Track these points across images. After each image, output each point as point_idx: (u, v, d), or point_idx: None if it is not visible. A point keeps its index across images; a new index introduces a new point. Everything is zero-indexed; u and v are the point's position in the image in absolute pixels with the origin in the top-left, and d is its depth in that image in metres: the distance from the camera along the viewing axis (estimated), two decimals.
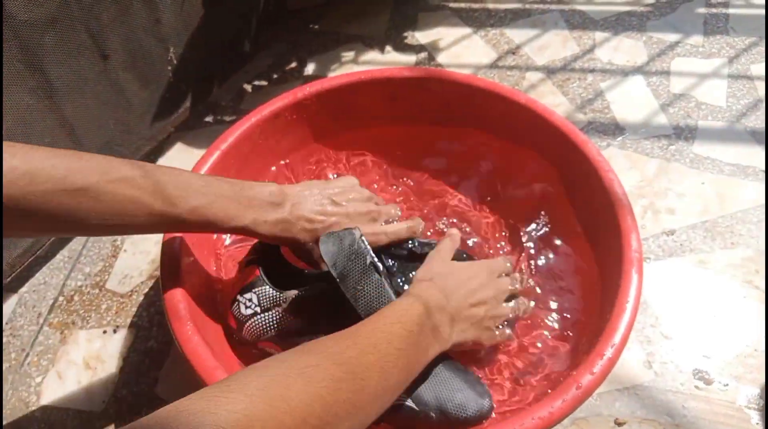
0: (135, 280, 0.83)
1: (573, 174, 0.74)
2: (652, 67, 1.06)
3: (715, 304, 0.76)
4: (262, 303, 0.61)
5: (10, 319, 0.80)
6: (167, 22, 0.87)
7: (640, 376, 0.70)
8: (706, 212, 0.85)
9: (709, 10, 1.16)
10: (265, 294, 0.61)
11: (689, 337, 0.73)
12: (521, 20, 1.18)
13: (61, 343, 0.78)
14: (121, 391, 0.73)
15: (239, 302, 0.63)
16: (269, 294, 0.61)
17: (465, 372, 0.60)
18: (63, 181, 0.45)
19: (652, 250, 0.81)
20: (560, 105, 1.01)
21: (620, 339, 0.54)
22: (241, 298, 0.63)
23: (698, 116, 0.97)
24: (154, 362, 0.75)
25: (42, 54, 0.71)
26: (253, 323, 0.62)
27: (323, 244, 0.57)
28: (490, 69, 1.09)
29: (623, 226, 0.63)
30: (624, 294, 0.57)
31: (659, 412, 0.67)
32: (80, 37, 0.75)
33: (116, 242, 0.87)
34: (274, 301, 0.61)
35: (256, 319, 0.62)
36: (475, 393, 0.57)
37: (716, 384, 0.69)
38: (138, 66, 0.85)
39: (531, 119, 0.75)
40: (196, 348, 0.56)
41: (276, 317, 0.61)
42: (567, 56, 1.10)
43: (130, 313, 0.80)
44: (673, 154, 0.92)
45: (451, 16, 1.20)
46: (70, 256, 0.87)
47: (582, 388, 0.52)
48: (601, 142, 0.95)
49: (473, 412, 0.56)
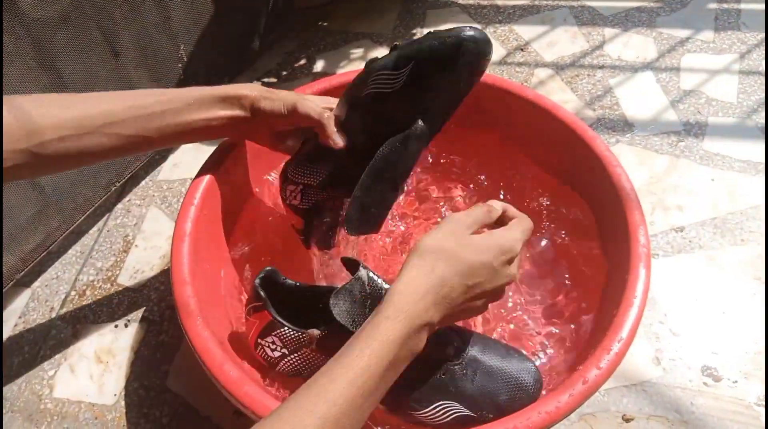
0: (146, 275, 0.84)
1: (581, 170, 0.74)
2: (662, 64, 1.05)
3: (724, 301, 0.75)
4: (287, 345, 0.59)
5: (23, 313, 0.81)
6: (177, 20, 0.88)
7: (648, 372, 0.70)
8: (716, 209, 0.84)
9: (720, 6, 1.15)
10: (286, 336, 0.59)
11: (698, 333, 0.73)
12: (530, 16, 1.18)
13: (73, 337, 0.79)
14: (132, 384, 0.74)
15: (263, 346, 0.61)
16: (291, 335, 0.59)
17: (496, 347, 0.58)
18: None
19: (661, 247, 0.81)
20: (569, 101, 1.00)
21: (627, 334, 0.54)
22: (263, 342, 0.61)
23: (708, 112, 0.97)
24: (165, 356, 0.76)
25: (54, 51, 0.72)
26: (285, 364, 0.60)
27: (334, 307, 0.52)
28: (498, 65, 1.09)
29: (631, 221, 0.63)
30: (631, 289, 0.57)
31: (667, 408, 0.67)
32: (92, 35, 0.76)
33: (128, 238, 0.88)
34: (299, 342, 0.59)
35: (288, 360, 0.60)
36: (518, 362, 0.57)
37: (725, 381, 0.69)
38: (149, 63, 0.86)
39: (539, 116, 0.75)
40: (205, 343, 0.57)
41: (307, 357, 0.59)
42: (576, 52, 1.09)
43: (142, 308, 0.81)
44: (683, 150, 0.92)
45: (460, 13, 1.20)
46: (82, 252, 0.88)
47: (589, 383, 0.52)
48: (610, 138, 0.94)
49: (530, 382, 0.55)
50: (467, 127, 0.84)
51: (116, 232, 0.90)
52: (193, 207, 0.67)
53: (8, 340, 0.79)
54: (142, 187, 0.95)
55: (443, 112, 0.60)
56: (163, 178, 0.96)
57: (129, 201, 0.93)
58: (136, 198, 0.94)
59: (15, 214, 0.75)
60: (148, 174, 0.97)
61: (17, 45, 0.68)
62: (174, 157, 0.99)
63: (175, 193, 0.94)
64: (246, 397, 0.53)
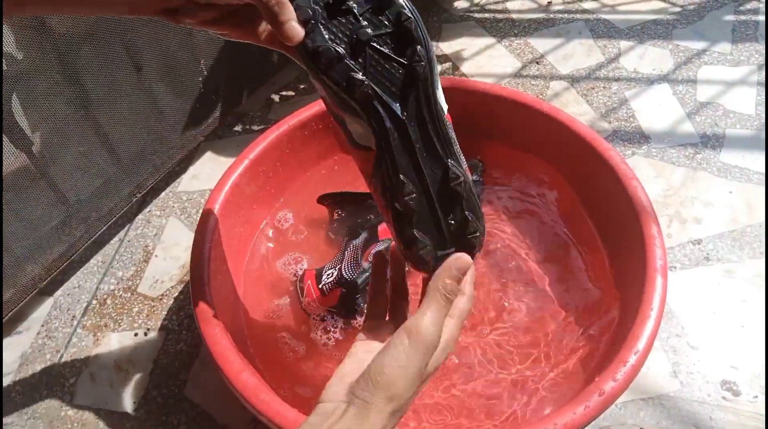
0: (166, 284, 0.85)
1: (597, 182, 0.74)
2: (679, 76, 1.05)
3: (742, 315, 0.75)
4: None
5: (46, 322, 0.83)
6: (198, 35, 0.90)
7: (665, 386, 0.70)
8: (734, 221, 0.84)
9: (737, 18, 1.15)
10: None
11: (716, 347, 0.72)
12: (545, 30, 1.18)
13: (94, 345, 0.80)
14: (151, 392, 0.75)
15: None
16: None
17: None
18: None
19: (678, 260, 0.81)
20: (584, 114, 1.01)
21: (644, 346, 0.54)
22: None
23: (726, 124, 0.96)
24: (183, 365, 0.77)
25: (79, 66, 0.74)
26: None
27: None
28: (514, 78, 1.09)
29: (647, 234, 0.63)
30: (648, 301, 0.57)
31: (685, 422, 0.67)
32: (116, 50, 0.78)
33: (148, 248, 0.90)
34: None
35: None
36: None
37: (744, 395, 0.68)
38: (170, 77, 0.88)
39: (554, 128, 0.76)
40: (224, 351, 0.58)
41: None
42: (591, 65, 1.09)
43: (161, 317, 0.82)
44: (700, 162, 0.91)
45: (475, 27, 1.21)
46: (103, 261, 0.89)
47: (605, 395, 0.51)
48: (626, 150, 0.94)
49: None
50: (483, 138, 0.85)
51: (137, 242, 0.91)
52: (213, 217, 0.69)
53: (30, 348, 0.80)
54: (162, 198, 0.97)
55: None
56: (183, 189, 0.98)
57: (149, 212, 0.95)
58: (156, 209, 0.96)
59: (39, 225, 0.77)
60: (168, 185, 0.98)
61: (43, 59, 0.70)
62: (193, 168, 1.01)
63: (195, 204, 0.95)
64: (263, 405, 0.53)
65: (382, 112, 0.42)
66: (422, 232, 0.43)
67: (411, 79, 0.42)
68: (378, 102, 0.42)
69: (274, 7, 0.40)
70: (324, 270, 0.72)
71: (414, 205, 0.42)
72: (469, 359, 0.67)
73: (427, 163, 0.43)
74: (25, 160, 0.72)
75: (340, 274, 0.70)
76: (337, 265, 0.72)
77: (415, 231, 0.42)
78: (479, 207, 0.44)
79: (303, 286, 0.71)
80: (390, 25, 0.42)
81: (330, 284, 0.70)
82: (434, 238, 0.43)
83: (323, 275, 0.71)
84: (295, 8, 0.41)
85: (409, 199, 0.42)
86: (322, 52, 0.41)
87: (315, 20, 0.41)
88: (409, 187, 0.42)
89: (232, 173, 0.74)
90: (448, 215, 0.43)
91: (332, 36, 0.41)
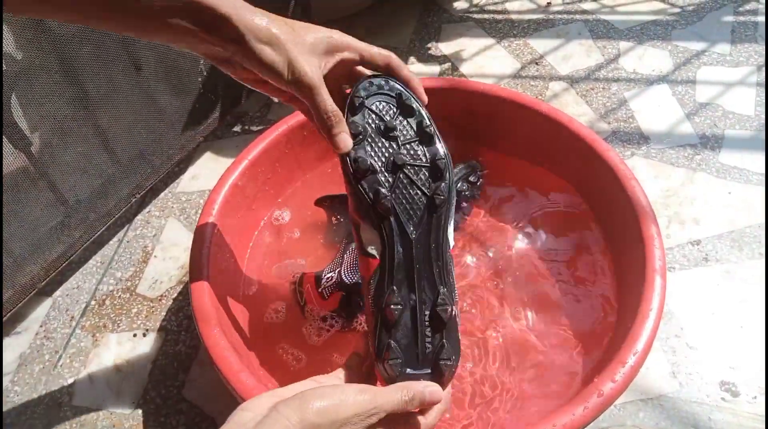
0: (165, 285, 0.85)
1: (595, 183, 0.74)
2: (678, 76, 1.05)
3: (741, 315, 0.75)
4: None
5: (44, 322, 0.83)
6: None
7: (664, 386, 0.70)
8: (733, 222, 0.84)
9: (737, 19, 1.15)
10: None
11: (715, 348, 0.72)
12: (545, 30, 1.18)
13: (92, 345, 0.80)
14: (150, 393, 0.75)
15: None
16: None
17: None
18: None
19: (677, 260, 0.81)
20: (584, 115, 1.01)
21: (643, 347, 0.54)
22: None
23: (725, 125, 0.96)
24: (182, 365, 0.77)
25: (79, 66, 0.74)
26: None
27: None
28: (513, 79, 1.09)
29: (646, 234, 0.63)
30: (647, 301, 0.57)
31: (684, 423, 0.67)
32: (115, 50, 0.78)
33: (147, 248, 0.90)
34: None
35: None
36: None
37: (743, 396, 0.68)
38: (169, 77, 0.88)
39: (552, 128, 0.76)
40: (222, 352, 0.57)
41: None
42: (591, 66, 1.10)
43: (160, 318, 0.82)
44: (699, 163, 0.91)
45: (475, 27, 1.21)
46: (102, 262, 0.89)
47: (604, 396, 0.51)
48: (625, 151, 0.94)
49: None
50: (481, 140, 0.85)
51: (136, 243, 0.91)
52: (212, 217, 0.69)
53: (29, 348, 0.80)
54: (161, 198, 0.97)
55: None
56: (182, 190, 0.98)
57: (149, 212, 0.95)
58: (155, 209, 0.96)
59: (38, 225, 0.77)
60: (167, 186, 0.98)
61: (43, 59, 0.70)
62: (193, 169, 1.01)
63: (194, 205, 0.95)
64: None
65: (395, 226, 0.47)
66: (398, 344, 0.45)
67: (429, 208, 0.48)
68: (394, 218, 0.47)
69: (330, 120, 0.47)
70: (323, 273, 0.71)
71: (397, 315, 0.45)
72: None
73: (422, 284, 0.47)
74: (24, 161, 0.72)
75: (340, 278, 0.70)
76: (336, 268, 0.72)
77: (392, 341, 0.45)
78: (458, 341, 0.47)
79: (302, 290, 0.71)
80: (426, 161, 0.48)
81: (330, 288, 0.70)
82: (407, 354, 0.45)
83: (323, 279, 0.70)
84: (350, 124, 0.48)
85: (395, 309, 0.45)
86: (360, 162, 0.47)
87: (363, 136, 0.48)
88: (398, 298, 0.46)
89: (231, 174, 0.74)
90: (427, 338, 0.46)
91: (373, 152, 0.48)
